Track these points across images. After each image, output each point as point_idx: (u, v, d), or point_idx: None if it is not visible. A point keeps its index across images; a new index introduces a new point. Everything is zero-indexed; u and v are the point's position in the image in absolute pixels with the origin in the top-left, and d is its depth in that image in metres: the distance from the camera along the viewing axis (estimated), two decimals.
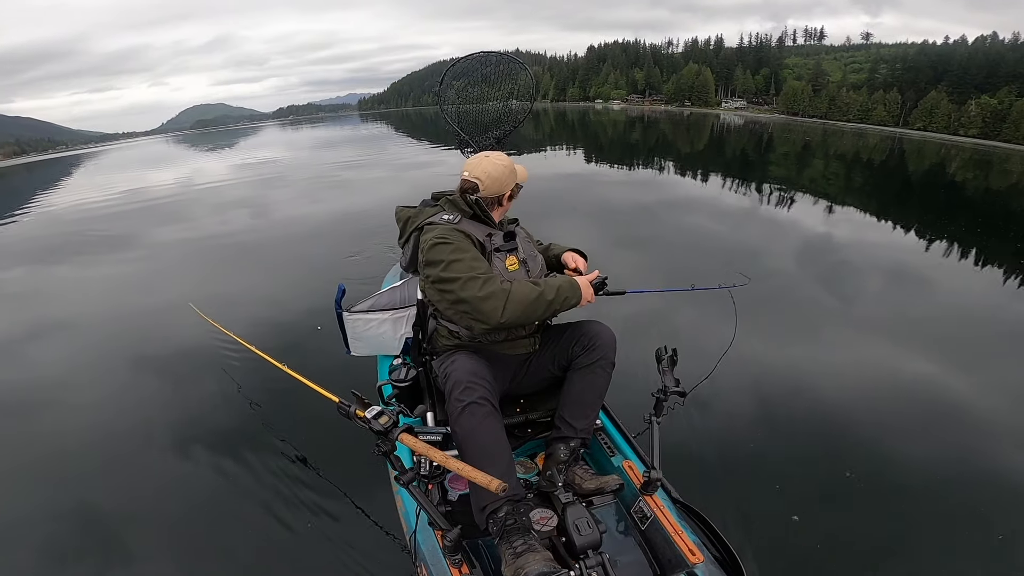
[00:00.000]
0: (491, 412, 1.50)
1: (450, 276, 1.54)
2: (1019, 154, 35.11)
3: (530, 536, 1.41)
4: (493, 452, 1.48)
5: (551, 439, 1.77)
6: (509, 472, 1.49)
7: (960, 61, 67.12)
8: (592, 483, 1.72)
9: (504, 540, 1.41)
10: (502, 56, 2.63)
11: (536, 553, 1.35)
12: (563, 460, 1.70)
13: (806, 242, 6.49)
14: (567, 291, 1.59)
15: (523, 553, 1.35)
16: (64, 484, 2.41)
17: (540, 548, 1.38)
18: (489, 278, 1.53)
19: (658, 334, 3.34)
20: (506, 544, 1.40)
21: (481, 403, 1.48)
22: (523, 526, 1.43)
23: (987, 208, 10.85)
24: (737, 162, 16.87)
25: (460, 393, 1.49)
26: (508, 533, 1.41)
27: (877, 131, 52.98)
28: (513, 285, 1.53)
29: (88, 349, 3.80)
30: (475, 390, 1.49)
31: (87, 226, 8.76)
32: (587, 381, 1.74)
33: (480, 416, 1.48)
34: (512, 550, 1.38)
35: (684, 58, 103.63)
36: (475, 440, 1.47)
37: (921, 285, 5.12)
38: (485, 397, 1.49)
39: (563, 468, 1.70)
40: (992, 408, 2.89)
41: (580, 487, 1.72)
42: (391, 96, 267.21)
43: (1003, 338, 3.90)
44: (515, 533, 1.40)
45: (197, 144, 42.94)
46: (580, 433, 1.73)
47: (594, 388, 1.75)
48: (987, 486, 2.30)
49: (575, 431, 1.72)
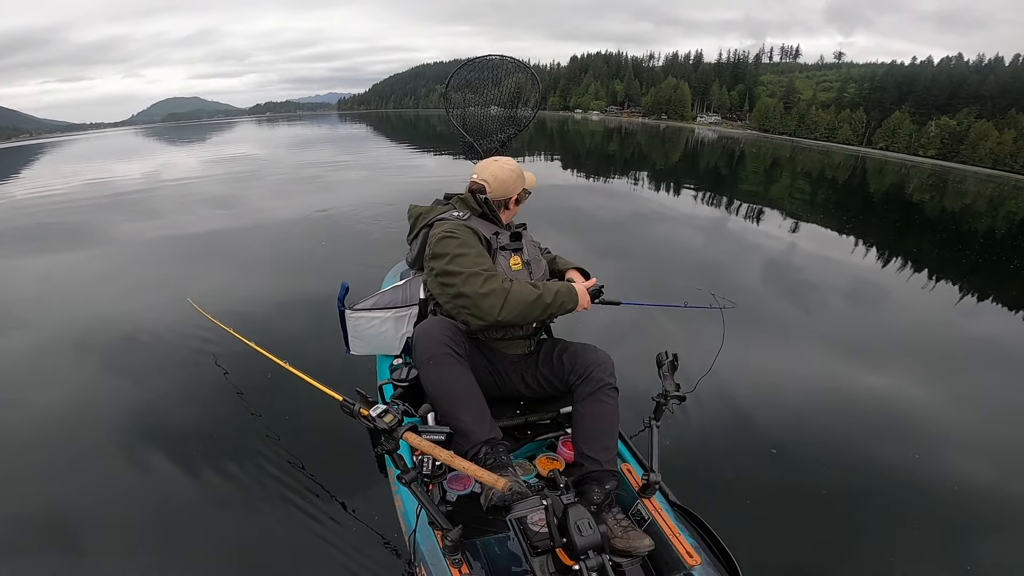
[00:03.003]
0: (456, 361, 1.55)
1: (454, 270, 1.58)
2: (974, 175, 37.12)
3: (507, 471, 1.46)
4: (464, 399, 1.54)
5: (580, 478, 1.62)
6: (483, 418, 1.55)
7: (924, 82, 70.42)
8: (622, 542, 1.52)
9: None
10: (506, 60, 2.66)
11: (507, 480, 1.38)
12: (596, 502, 1.56)
13: (775, 259, 6.70)
14: (565, 296, 1.63)
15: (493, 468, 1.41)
16: (53, 484, 2.31)
17: (513, 475, 1.44)
18: (491, 276, 1.56)
19: (652, 340, 3.44)
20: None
21: (446, 354, 1.54)
22: (501, 463, 1.49)
23: (944, 227, 11.44)
24: (710, 176, 17.31)
25: (425, 348, 1.55)
26: (489, 469, 1.44)
27: (841, 149, 55.09)
28: (513, 285, 1.56)
29: (63, 344, 3.61)
30: (441, 344, 1.55)
31: (52, 217, 8.37)
32: (594, 409, 1.67)
33: (445, 365, 1.53)
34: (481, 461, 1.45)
35: (664, 71, 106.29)
36: (443, 388, 1.53)
37: (897, 304, 5.37)
38: (449, 348, 1.55)
39: (595, 512, 1.53)
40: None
41: (608, 542, 1.49)
42: (372, 97, 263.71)
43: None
44: (495, 470, 1.43)
45: (165, 137, 41.54)
46: (606, 465, 1.60)
47: (604, 415, 1.66)
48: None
49: (600, 464, 1.59)
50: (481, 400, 1.57)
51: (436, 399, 1.56)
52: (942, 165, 48.67)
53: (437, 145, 21.88)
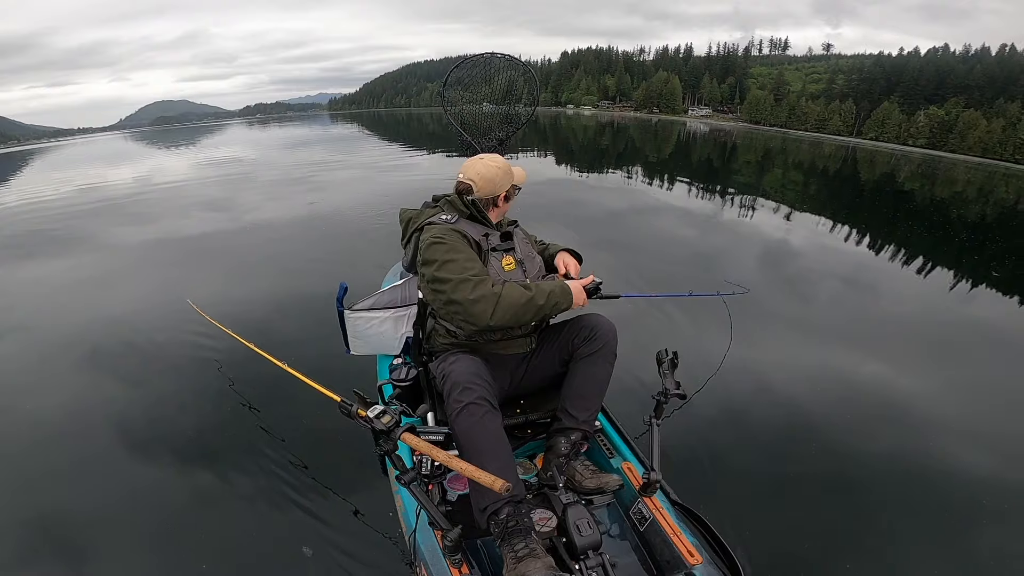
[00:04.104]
0: (489, 411, 1.50)
1: (443, 276, 1.56)
2: (963, 164, 37.37)
3: (531, 539, 1.41)
4: (493, 451, 1.47)
5: (551, 431, 1.74)
6: (509, 471, 1.48)
7: (912, 72, 70.81)
8: (592, 481, 1.70)
9: (505, 542, 1.41)
10: (505, 58, 2.64)
11: (537, 560, 1.34)
12: (563, 453, 1.68)
13: (775, 248, 6.71)
14: (558, 296, 1.61)
15: (524, 558, 1.35)
16: (53, 487, 2.31)
17: (542, 553, 1.38)
18: (480, 281, 1.54)
19: (653, 336, 3.42)
20: (507, 546, 1.40)
21: (480, 403, 1.48)
22: (524, 528, 1.42)
23: (935, 215, 11.50)
24: (703, 169, 17.32)
25: (459, 394, 1.49)
26: (510, 535, 1.40)
27: (832, 140, 55.30)
28: (504, 289, 1.55)
29: (62, 348, 3.60)
30: (473, 390, 1.48)
31: (46, 223, 8.27)
32: (589, 372, 1.72)
33: (478, 416, 1.47)
34: (513, 553, 1.38)
35: (655, 66, 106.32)
36: (474, 440, 1.47)
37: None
38: (484, 397, 1.49)
39: (563, 463, 1.68)
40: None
41: (580, 485, 1.70)
42: (363, 97, 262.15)
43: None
44: (516, 535, 1.40)
45: (154, 141, 41.17)
46: (581, 424, 1.70)
47: (596, 379, 1.73)
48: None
49: (576, 422, 1.70)
50: (509, 454, 1.53)
51: (464, 447, 1.49)
52: (931, 154, 48.94)
53: (431, 144, 21.82)
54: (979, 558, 2.04)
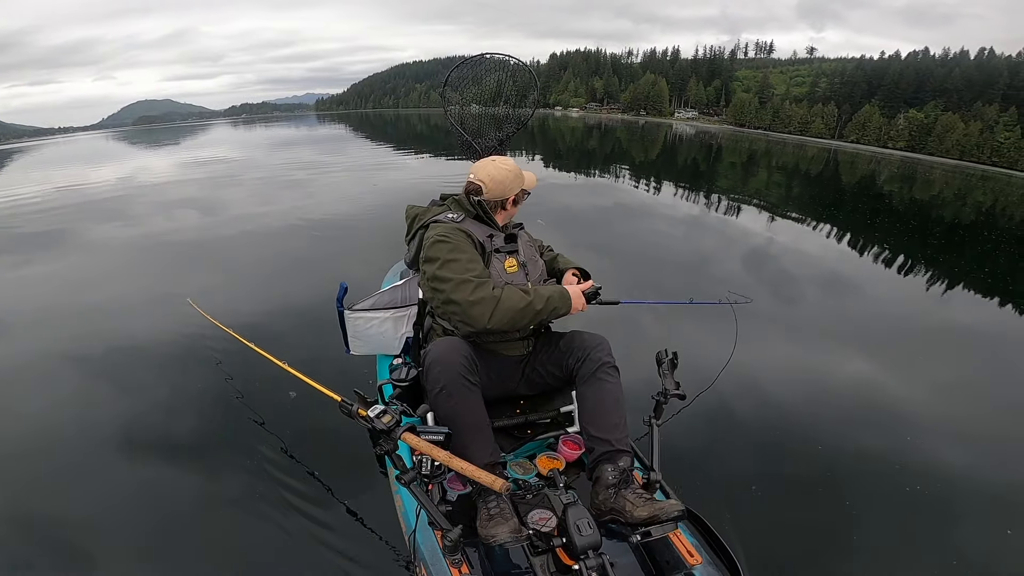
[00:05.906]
0: (468, 391, 1.54)
1: (444, 276, 1.57)
2: (941, 167, 38.21)
3: (503, 499, 1.47)
4: (474, 430, 1.54)
5: (594, 462, 1.59)
6: (485, 448, 1.56)
7: (892, 76, 72.23)
8: (645, 510, 1.42)
9: (480, 498, 1.49)
10: (504, 59, 2.64)
11: (505, 524, 1.39)
12: (612, 484, 1.51)
13: (763, 253, 6.76)
14: (557, 301, 1.63)
15: (495, 517, 1.41)
16: (53, 489, 2.27)
17: (510, 516, 1.43)
18: (481, 283, 1.55)
19: (650, 340, 3.41)
20: (481, 502, 1.48)
21: (460, 385, 1.52)
22: (503, 513, 1.46)
23: (912, 216, 11.75)
24: (688, 171, 17.51)
25: (436, 377, 1.53)
26: (484, 492, 1.46)
27: (815, 143, 56.14)
28: (503, 292, 1.56)
29: (60, 349, 3.53)
30: (455, 374, 1.52)
31: (34, 224, 8.05)
32: (596, 389, 1.65)
33: (458, 397, 1.52)
34: (486, 509, 1.45)
35: (642, 68, 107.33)
36: (455, 421, 1.52)
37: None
38: (464, 377, 1.53)
39: (612, 495, 1.49)
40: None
41: (631, 515, 1.44)
42: (350, 97, 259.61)
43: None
44: (490, 493, 1.44)
45: (136, 140, 40.44)
46: (617, 444, 1.56)
47: (608, 393, 1.64)
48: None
49: (611, 443, 1.56)
50: (488, 430, 1.60)
51: (440, 420, 1.55)
52: (911, 157, 49.91)
53: (418, 144, 21.70)
54: (979, 558, 2.05)
